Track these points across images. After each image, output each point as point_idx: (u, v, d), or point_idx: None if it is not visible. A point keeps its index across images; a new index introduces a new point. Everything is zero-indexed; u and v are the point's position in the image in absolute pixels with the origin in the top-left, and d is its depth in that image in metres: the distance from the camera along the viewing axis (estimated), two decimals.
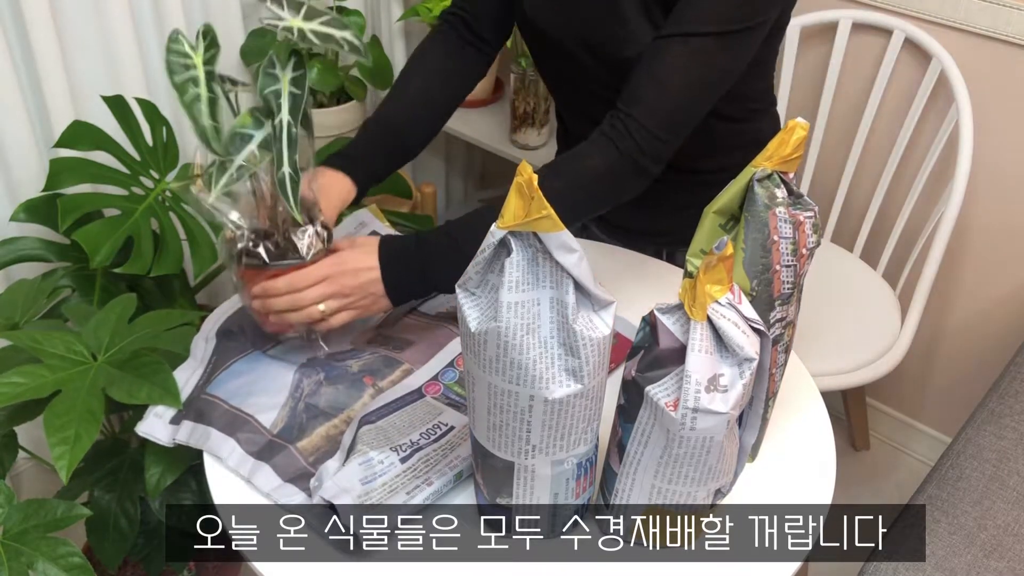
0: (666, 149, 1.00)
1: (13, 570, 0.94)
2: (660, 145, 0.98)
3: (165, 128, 1.49)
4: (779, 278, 0.82)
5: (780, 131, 0.81)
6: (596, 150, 0.99)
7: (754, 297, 0.82)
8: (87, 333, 1.06)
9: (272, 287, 0.95)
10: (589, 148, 1.00)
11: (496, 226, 0.71)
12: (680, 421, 0.72)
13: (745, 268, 0.82)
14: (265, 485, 0.88)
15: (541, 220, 0.69)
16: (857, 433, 2.01)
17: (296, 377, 0.99)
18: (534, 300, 0.72)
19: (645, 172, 1.00)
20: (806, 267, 0.85)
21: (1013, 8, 1.52)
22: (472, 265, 0.74)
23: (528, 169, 0.68)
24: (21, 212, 1.39)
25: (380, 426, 0.91)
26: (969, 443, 1.32)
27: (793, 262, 0.82)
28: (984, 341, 1.83)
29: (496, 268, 0.73)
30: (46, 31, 1.42)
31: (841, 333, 1.67)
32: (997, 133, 1.63)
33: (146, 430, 0.95)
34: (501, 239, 0.71)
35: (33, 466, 1.74)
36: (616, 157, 0.98)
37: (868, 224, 1.81)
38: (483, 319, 0.73)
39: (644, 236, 1.29)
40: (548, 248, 0.70)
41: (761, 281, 0.82)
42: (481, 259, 0.73)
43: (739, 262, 0.82)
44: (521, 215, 0.69)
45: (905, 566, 1.14)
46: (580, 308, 0.73)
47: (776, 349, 0.86)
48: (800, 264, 0.83)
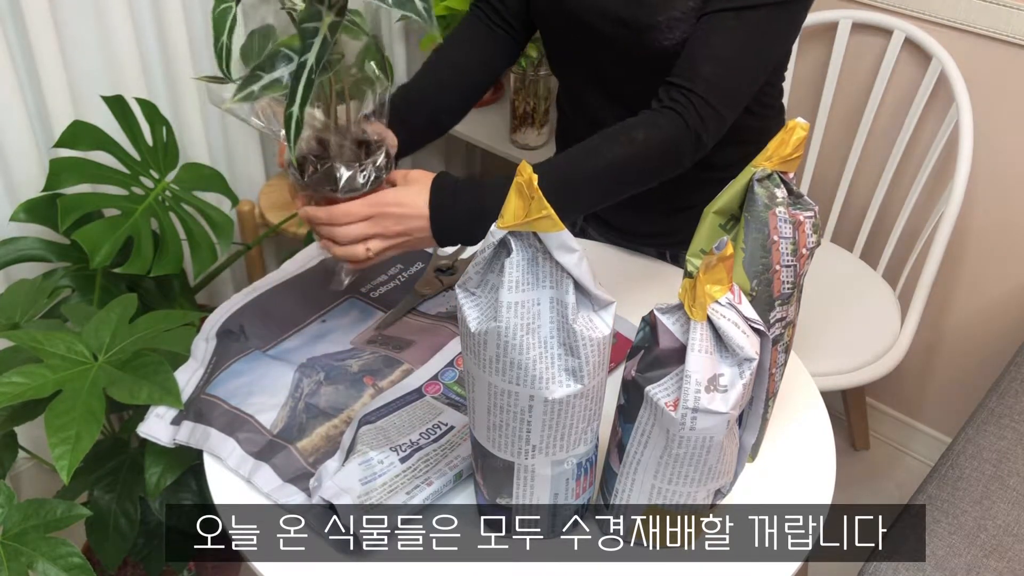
0: (724, 126, 1.00)
1: (13, 570, 0.94)
2: (720, 121, 0.98)
3: (165, 128, 1.49)
4: (779, 278, 0.82)
5: (780, 130, 0.81)
6: (663, 121, 0.97)
7: (754, 297, 0.82)
8: (88, 333, 1.06)
9: (313, 214, 0.93)
10: (653, 118, 0.98)
11: (496, 226, 0.71)
12: (680, 421, 0.72)
13: (745, 268, 0.82)
14: (265, 485, 0.88)
15: (541, 220, 0.69)
16: (857, 433, 2.01)
17: (296, 377, 0.99)
18: (534, 300, 0.72)
19: (703, 148, 1.00)
20: (806, 267, 0.85)
21: (1013, 8, 1.52)
22: (472, 265, 0.74)
23: (528, 169, 0.68)
24: (21, 212, 1.39)
25: (380, 426, 0.91)
26: (969, 443, 1.32)
27: (793, 262, 0.82)
28: (984, 341, 1.83)
29: (496, 268, 0.73)
30: (46, 31, 1.42)
31: (841, 333, 1.67)
32: (997, 133, 1.63)
33: (147, 431, 0.96)
34: (501, 239, 0.71)
35: (33, 466, 1.74)
36: (683, 130, 0.97)
37: (868, 224, 1.81)
38: (483, 319, 0.73)
39: (646, 238, 1.28)
40: (548, 248, 0.70)
41: (761, 281, 0.82)
42: (481, 259, 0.73)
43: (739, 262, 0.82)
44: (521, 215, 0.69)
45: (905, 566, 1.14)
46: (580, 308, 0.73)
47: (776, 349, 0.86)
48: (800, 264, 0.83)
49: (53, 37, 1.44)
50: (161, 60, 1.64)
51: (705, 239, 0.83)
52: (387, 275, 1.16)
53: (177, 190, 1.47)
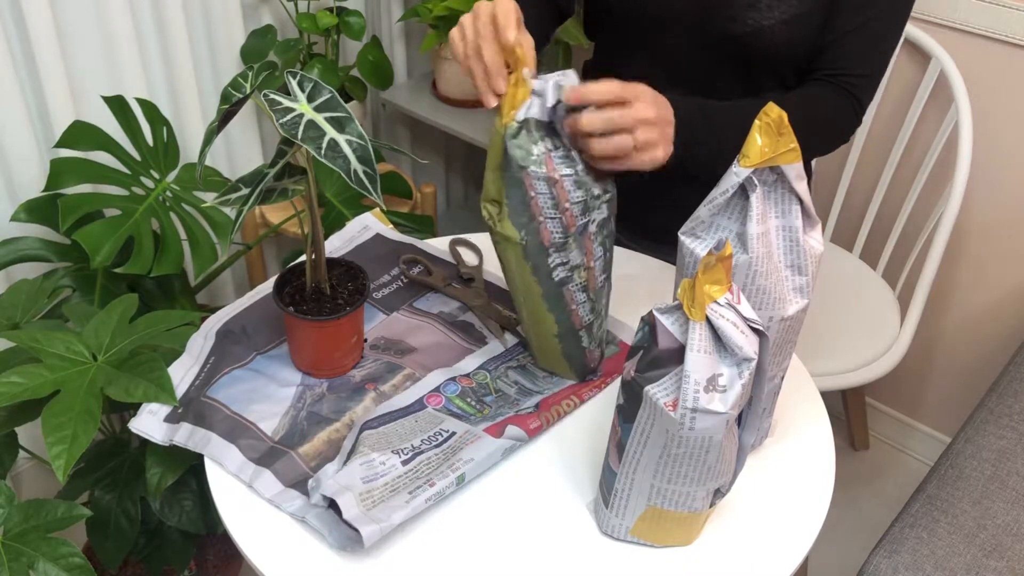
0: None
1: (13, 570, 0.95)
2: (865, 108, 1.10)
3: (165, 128, 1.49)
4: (546, 228, 0.87)
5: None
6: (835, 98, 1.06)
7: (525, 245, 0.88)
8: (87, 333, 1.07)
9: (588, 92, 0.85)
10: (825, 92, 1.07)
11: (740, 165, 0.76)
12: (679, 421, 0.72)
13: (512, 220, 0.87)
14: (266, 491, 0.88)
15: (787, 153, 0.75)
16: (857, 433, 2.01)
17: (299, 390, 0.99)
18: (770, 229, 0.80)
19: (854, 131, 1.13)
20: (584, 219, 0.88)
21: (1013, 8, 1.52)
22: (705, 208, 0.80)
23: (776, 108, 0.74)
24: (22, 212, 1.39)
25: (381, 432, 0.92)
26: (968, 443, 1.32)
27: (557, 215, 0.86)
28: (984, 341, 1.84)
29: (732, 207, 0.80)
30: (46, 31, 1.42)
31: (841, 333, 1.67)
32: (997, 133, 1.64)
33: (140, 427, 0.95)
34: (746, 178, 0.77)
35: (33, 466, 1.74)
36: (852, 114, 1.08)
37: (868, 224, 1.82)
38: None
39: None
40: (788, 178, 0.77)
41: (528, 231, 0.87)
42: (721, 199, 0.79)
43: (505, 216, 0.88)
44: (768, 152, 0.75)
45: (905, 565, 1.14)
46: (805, 229, 0.81)
47: (570, 288, 0.92)
48: (567, 217, 0.87)
49: (54, 37, 1.44)
50: (161, 60, 1.65)
51: (493, 191, 0.89)
52: (389, 275, 1.16)
53: (178, 190, 1.48)
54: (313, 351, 0.99)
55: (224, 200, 0.87)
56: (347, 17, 1.81)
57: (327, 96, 0.83)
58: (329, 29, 1.79)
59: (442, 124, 1.95)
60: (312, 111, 0.81)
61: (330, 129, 0.81)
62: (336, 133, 0.80)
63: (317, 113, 0.81)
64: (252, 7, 1.79)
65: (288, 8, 1.82)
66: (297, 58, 1.81)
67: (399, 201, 1.84)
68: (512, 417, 0.95)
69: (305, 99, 0.82)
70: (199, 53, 1.71)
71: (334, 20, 1.77)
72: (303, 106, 0.81)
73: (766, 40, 1.02)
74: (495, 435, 0.92)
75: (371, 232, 1.23)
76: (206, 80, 1.75)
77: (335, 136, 0.80)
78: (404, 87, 2.07)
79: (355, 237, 1.22)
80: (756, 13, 1.01)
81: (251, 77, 0.85)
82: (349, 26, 1.82)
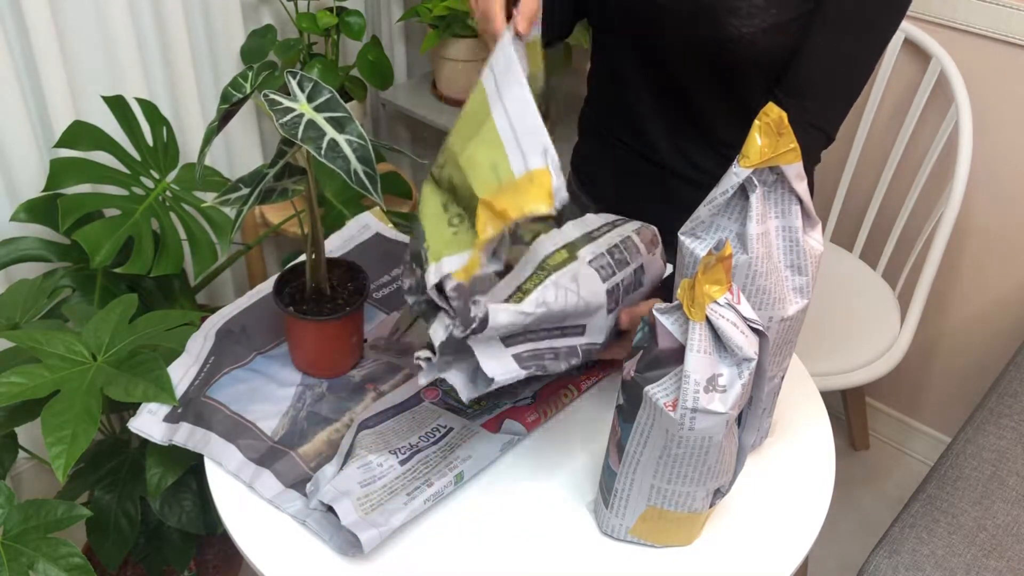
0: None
1: (13, 571, 0.94)
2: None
3: (165, 128, 1.49)
4: None
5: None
6: (801, 139, 1.06)
7: None
8: (87, 333, 1.07)
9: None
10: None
11: (740, 165, 0.76)
12: (679, 421, 0.72)
13: None
14: (266, 491, 0.88)
15: (787, 153, 0.76)
16: (857, 433, 2.01)
17: (299, 390, 0.99)
18: (769, 229, 0.80)
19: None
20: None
21: (1013, 8, 1.52)
22: (706, 208, 0.80)
23: (776, 108, 0.74)
24: (22, 212, 1.39)
25: (378, 431, 0.92)
26: (969, 443, 1.32)
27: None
28: (984, 341, 1.84)
29: (731, 208, 0.79)
30: (46, 31, 1.42)
31: (841, 333, 1.67)
32: (997, 133, 1.64)
33: (139, 427, 0.95)
34: (745, 178, 0.77)
35: (33, 466, 1.74)
36: (820, 146, 1.06)
37: (868, 224, 1.82)
38: None
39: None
40: (788, 177, 0.77)
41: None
42: (721, 200, 0.79)
43: None
44: (768, 152, 0.75)
45: (905, 565, 1.14)
46: (804, 229, 0.81)
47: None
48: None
49: (54, 37, 1.44)
50: (161, 60, 1.65)
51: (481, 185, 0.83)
52: (389, 276, 1.16)
53: (177, 190, 1.47)
54: (313, 351, 0.99)
55: (224, 200, 0.87)
56: (347, 17, 1.81)
57: (327, 96, 0.83)
58: (329, 29, 1.79)
59: (442, 124, 1.95)
60: (312, 111, 0.81)
61: (330, 129, 0.80)
62: (336, 133, 0.80)
63: (317, 113, 0.81)
64: (252, 7, 1.79)
65: (288, 8, 1.82)
66: (297, 58, 1.81)
67: (399, 201, 1.84)
68: (509, 410, 0.95)
69: (305, 99, 0.82)
70: (199, 53, 1.71)
71: (334, 20, 1.77)
72: (303, 106, 0.81)
73: (746, 48, 1.02)
74: (492, 430, 0.92)
75: (371, 232, 1.23)
76: (206, 80, 1.75)
77: (335, 136, 0.80)
78: (404, 87, 2.07)
79: (355, 237, 1.22)
80: (737, 20, 1.01)
81: (251, 77, 0.85)
82: (349, 26, 1.82)
